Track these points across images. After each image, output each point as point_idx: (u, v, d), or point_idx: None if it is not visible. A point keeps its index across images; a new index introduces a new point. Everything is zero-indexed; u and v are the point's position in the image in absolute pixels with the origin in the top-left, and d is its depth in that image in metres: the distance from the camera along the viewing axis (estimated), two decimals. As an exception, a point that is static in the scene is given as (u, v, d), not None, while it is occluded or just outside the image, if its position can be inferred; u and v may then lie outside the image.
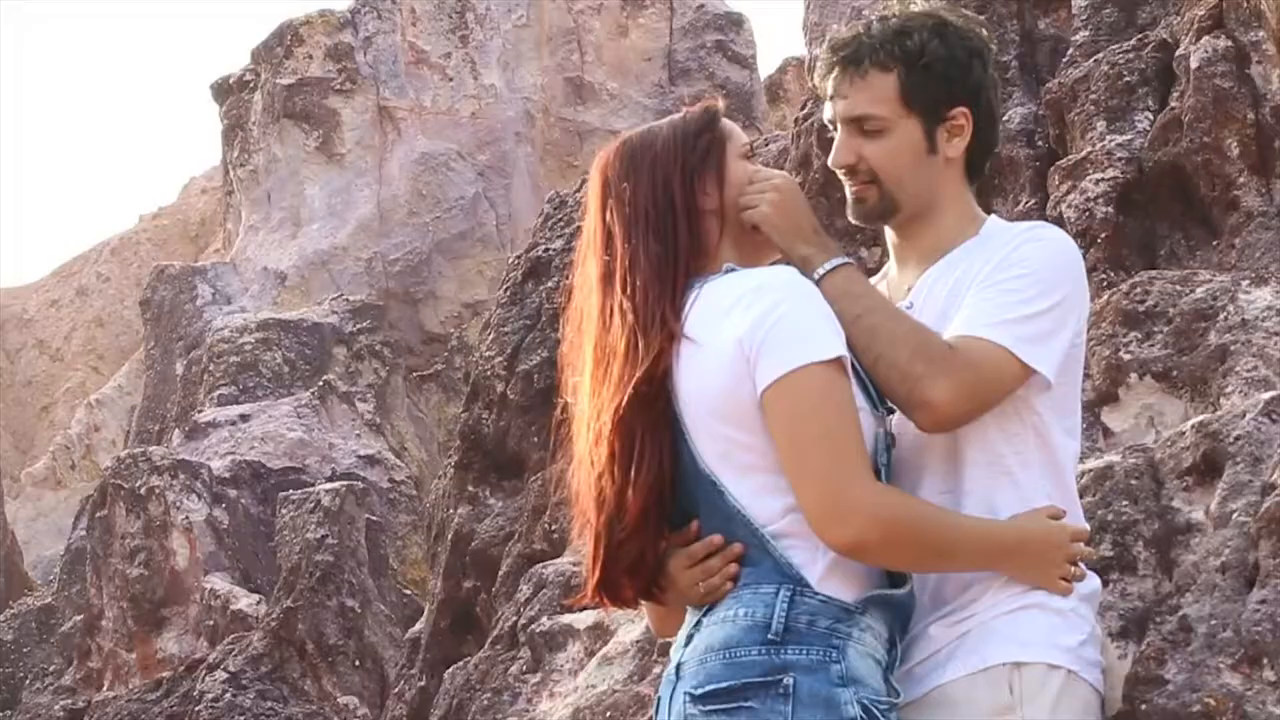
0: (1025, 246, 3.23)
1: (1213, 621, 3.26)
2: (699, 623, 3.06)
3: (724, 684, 2.95)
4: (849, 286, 3.13)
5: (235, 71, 18.95)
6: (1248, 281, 4.14)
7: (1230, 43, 5.83)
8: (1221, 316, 4.09)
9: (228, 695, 10.51)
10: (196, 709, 10.52)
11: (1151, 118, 6.07)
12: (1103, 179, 5.87)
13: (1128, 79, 6.20)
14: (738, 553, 3.02)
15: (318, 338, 15.99)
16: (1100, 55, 6.37)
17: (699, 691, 2.97)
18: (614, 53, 19.00)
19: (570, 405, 3.19)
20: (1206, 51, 5.82)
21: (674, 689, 3.04)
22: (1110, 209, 5.80)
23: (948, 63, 3.26)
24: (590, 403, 3.12)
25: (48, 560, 19.64)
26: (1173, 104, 5.95)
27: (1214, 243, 5.73)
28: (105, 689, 12.66)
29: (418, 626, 8.91)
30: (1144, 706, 3.23)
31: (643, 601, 3.26)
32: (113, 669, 12.84)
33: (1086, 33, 6.72)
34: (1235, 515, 3.38)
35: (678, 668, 3.06)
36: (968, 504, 3.16)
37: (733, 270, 3.10)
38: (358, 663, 10.86)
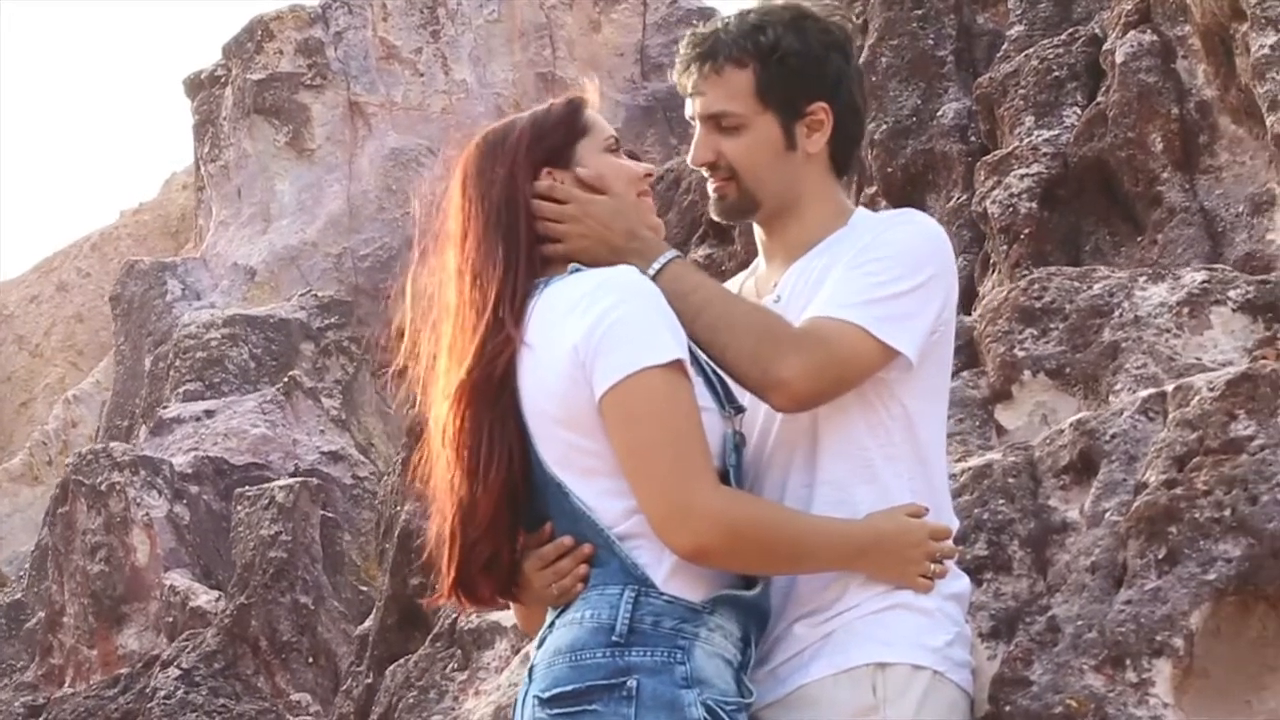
0: (891, 230, 3.18)
1: (1079, 622, 3.22)
2: (552, 625, 3.03)
3: (569, 687, 2.91)
4: (678, 285, 3.06)
5: (207, 66, 18.91)
6: (1145, 278, 4.10)
7: (1156, 37, 5.79)
8: (1116, 314, 4.05)
9: (180, 692, 10.46)
10: (149, 706, 10.48)
11: (1080, 113, 6.03)
12: (1027, 174, 5.83)
13: (1057, 74, 6.16)
14: (587, 554, 2.98)
15: (285, 334, 15.91)
16: (1031, 50, 6.33)
17: (546, 695, 2.94)
18: (586, 48, 18.94)
19: (424, 401, 3.15)
20: (1132, 46, 5.79)
21: (526, 691, 3.01)
22: (1034, 204, 5.77)
23: (803, 57, 3.20)
24: (441, 401, 3.08)
25: (22, 556, 19.58)
26: (1099, 99, 5.91)
27: (1138, 238, 5.70)
28: (66, 685, 12.62)
29: (367, 623, 8.85)
30: (1008, 708, 3.19)
31: (510, 602, 3.23)
32: (74, 665, 12.79)
33: (1021, 27, 6.68)
34: (1108, 514, 3.35)
35: (530, 670, 3.03)
36: (823, 493, 3.10)
37: (578, 270, 3.04)
38: (311, 659, 10.81)
